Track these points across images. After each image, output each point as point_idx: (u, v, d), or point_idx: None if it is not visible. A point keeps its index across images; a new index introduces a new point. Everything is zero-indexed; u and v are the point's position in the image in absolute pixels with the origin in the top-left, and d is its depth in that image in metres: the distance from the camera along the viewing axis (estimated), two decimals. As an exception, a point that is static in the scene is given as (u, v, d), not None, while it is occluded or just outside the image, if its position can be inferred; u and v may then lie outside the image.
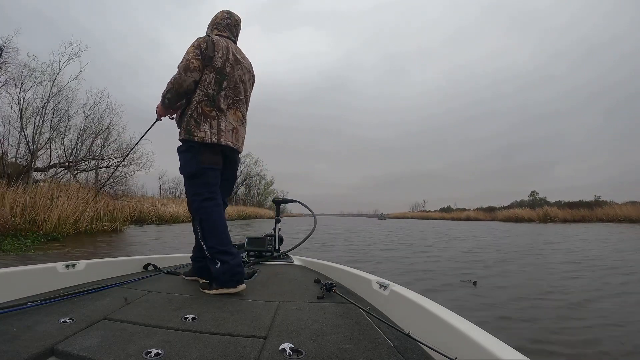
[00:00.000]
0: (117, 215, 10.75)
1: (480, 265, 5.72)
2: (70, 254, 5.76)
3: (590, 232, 14.87)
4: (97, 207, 10.01)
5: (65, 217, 8.75)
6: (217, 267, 1.70)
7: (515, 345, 0.80)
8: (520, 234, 14.62)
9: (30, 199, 8.34)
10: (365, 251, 7.94)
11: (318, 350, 1.03)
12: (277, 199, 3.28)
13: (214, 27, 2.04)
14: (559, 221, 29.61)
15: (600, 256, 6.87)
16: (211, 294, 1.68)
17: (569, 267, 5.57)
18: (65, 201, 9.00)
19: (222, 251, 1.73)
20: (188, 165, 1.83)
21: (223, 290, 1.69)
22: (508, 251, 7.90)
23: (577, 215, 30.69)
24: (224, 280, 1.69)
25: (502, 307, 3.32)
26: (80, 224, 9.24)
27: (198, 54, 1.81)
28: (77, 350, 0.96)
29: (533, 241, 10.89)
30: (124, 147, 13.95)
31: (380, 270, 4.97)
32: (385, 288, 1.50)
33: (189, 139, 1.80)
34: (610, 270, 5.30)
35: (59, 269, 1.75)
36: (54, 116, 12.24)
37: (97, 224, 9.91)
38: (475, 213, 45.95)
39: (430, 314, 1.10)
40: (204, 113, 1.81)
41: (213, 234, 1.77)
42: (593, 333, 2.62)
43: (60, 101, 12.30)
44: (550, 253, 7.66)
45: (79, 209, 9.32)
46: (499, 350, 0.78)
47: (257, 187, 47.73)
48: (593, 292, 3.88)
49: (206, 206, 1.79)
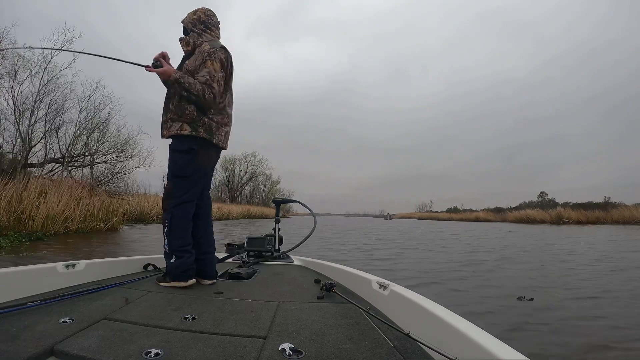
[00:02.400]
0: (113, 214, 10.11)
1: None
2: (47, 259, 5.07)
3: (621, 235, 13.86)
4: (91, 205, 9.40)
5: (54, 215, 8.13)
6: (172, 262, 1.81)
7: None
8: (552, 238, 12.96)
9: (17, 195, 7.73)
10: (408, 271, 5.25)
11: (318, 350, 1.03)
12: (277, 199, 3.25)
13: (205, 27, 2.00)
14: (572, 223, 28.94)
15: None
16: (164, 285, 1.80)
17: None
18: (55, 198, 8.38)
19: (183, 250, 1.83)
20: (187, 167, 1.85)
21: (175, 284, 1.80)
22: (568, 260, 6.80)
23: (591, 217, 30.11)
24: (177, 274, 1.80)
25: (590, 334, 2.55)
26: (71, 223, 8.63)
27: (223, 75, 1.89)
28: (77, 350, 0.97)
29: (572, 243, 10.01)
30: (122, 142, 13.34)
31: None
32: (385, 288, 1.49)
33: (207, 139, 1.86)
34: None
35: (59, 269, 1.75)
36: (49, 109, 11.65)
37: (90, 223, 9.28)
38: (485, 214, 45.51)
39: (430, 314, 1.10)
40: (223, 119, 1.94)
41: (180, 235, 1.84)
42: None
43: (56, 93, 11.70)
44: (619, 259, 6.60)
45: (70, 206, 8.71)
46: (499, 350, 0.78)
47: (263, 186, 47.32)
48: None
49: (185, 208, 1.86)
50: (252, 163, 44.46)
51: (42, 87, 11.14)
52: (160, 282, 1.83)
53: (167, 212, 1.84)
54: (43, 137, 12.03)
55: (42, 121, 11.72)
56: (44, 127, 11.87)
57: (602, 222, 28.57)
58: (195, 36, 1.96)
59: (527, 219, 32.90)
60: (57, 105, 12.01)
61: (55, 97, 11.80)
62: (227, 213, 27.15)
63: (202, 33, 1.97)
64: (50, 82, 11.51)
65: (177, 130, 1.82)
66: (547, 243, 10.53)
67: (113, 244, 7.75)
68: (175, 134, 1.83)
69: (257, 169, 45.14)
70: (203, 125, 1.83)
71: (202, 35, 1.97)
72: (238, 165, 43.86)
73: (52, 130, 11.82)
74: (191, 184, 1.87)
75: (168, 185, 1.89)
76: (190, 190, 1.87)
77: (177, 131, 1.82)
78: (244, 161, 44.04)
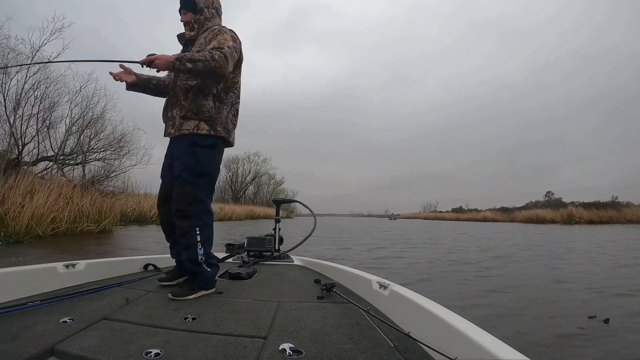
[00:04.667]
0: (106, 214, 9.48)
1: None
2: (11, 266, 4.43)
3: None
4: (82, 205, 8.78)
5: (40, 215, 7.52)
6: (208, 272, 1.71)
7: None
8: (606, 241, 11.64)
9: (0, 195, 7.14)
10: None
11: (318, 350, 1.03)
12: (277, 199, 3.23)
13: (217, 13, 1.89)
14: (584, 222, 28.25)
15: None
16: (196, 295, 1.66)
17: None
18: (42, 197, 7.78)
19: (213, 257, 1.77)
20: (213, 164, 1.79)
21: (203, 293, 1.67)
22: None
23: (604, 216, 29.48)
24: (209, 282, 1.71)
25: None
26: (59, 224, 8.01)
27: (235, 46, 1.74)
28: (77, 350, 0.97)
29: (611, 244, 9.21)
30: (118, 138, 12.69)
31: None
32: (385, 288, 1.48)
33: (225, 138, 1.80)
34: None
35: (59, 269, 1.73)
36: (41, 104, 11.07)
37: (81, 224, 8.66)
38: (493, 214, 45.17)
39: (430, 313, 1.09)
40: (235, 119, 1.87)
41: (210, 242, 1.76)
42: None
43: (48, 86, 11.13)
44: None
45: (59, 206, 8.10)
46: (499, 350, 0.78)
47: (267, 186, 46.63)
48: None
49: (210, 212, 1.79)
50: (255, 163, 43.90)
51: (30, 78, 10.52)
52: (187, 295, 1.61)
53: (196, 219, 1.69)
54: (36, 134, 11.50)
55: (34, 117, 11.18)
56: (36, 124, 11.32)
57: (614, 221, 27.82)
58: (206, 16, 1.82)
59: (537, 218, 32.16)
60: (51, 100, 11.45)
61: (47, 92, 11.24)
62: (230, 214, 26.58)
63: (213, 17, 1.86)
64: (41, 73, 10.93)
65: (192, 129, 1.69)
66: (599, 245, 9.63)
67: (101, 248, 7.12)
68: (190, 133, 1.70)
69: (260, 168, 44.58)
70: (221, 124, 1.76)
71: (212, 20, 1.85)
72: (241, 165, 43.33)
73: (44, 126, 11.25)
74: (214, 183, 1.83)
75: (187, 188, 1.68)
76: (212, 191, 1.84)
77: (192, 130, 1.70)
78: (247, 161, 43.50)
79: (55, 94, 11.54)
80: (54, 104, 11.44)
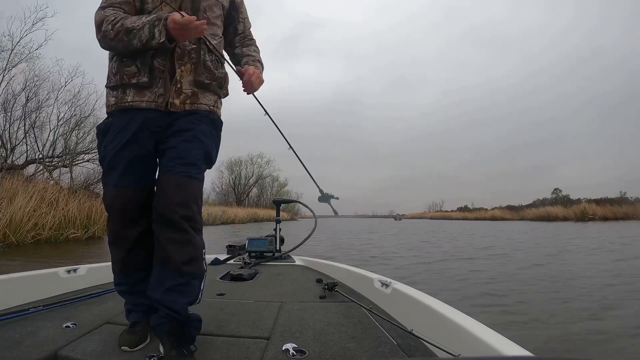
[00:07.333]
0: (95, 220, 8.72)
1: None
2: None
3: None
4: (68, 210, 8.03)
5: (18, 221, 6.78)
6: (204, 286, 1.37)
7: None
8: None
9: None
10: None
11: (321, 349, 1.03)
12: (277, 199, 3.26)
13: None
14: (599, 219, 27.40)
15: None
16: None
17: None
18: (22, 201, 7.04)
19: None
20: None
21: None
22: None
23: (618, 212, 28.89)
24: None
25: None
26: (41, 231, 7.26)
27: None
28: (80, 355, 0.97)
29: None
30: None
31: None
32: (387, 286, 1.48)
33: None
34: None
35: (61, 274, 1.72)
36: (27, 103, 10.38)
37: (67, 231, 7.90)
38: (501, 212, 44.48)
39: (433, 311, 1.09)
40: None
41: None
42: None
43: (35, 83, 10.44)
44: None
45: (42, 211, 7.36)
46: (502, 346, 0.77)
47: (270, 188, 45.79)
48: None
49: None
50: (258, 165, 42.95)
51: (8, 71, 9.82)
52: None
53: (200, 223, 1.17)
54: (24, 137, 10.82)
55: (21, 119, 10.50)
56: (24, 124, 10.64)
57: (630, 217, 27.03)
58: None
59: (548, 216, 31.38)
60: (39, 98, 10.77)
61: (35, 89, 10.55)
62: (233, 217, 25.90)
63: None
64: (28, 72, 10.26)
65: (212, 104, 1.22)
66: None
67: (82, 258, 6.35)
68: (209, 110, 1.21)
69: (264, 170, 43.64)
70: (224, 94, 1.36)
71: None
72: (244, 168, 42.56)
73: (30, 127, 10.56)
74: None
75: (196, 185, 1.15)
76: None
77: (212, 106, 1.22)
78: (250, 163, 42.77)
79: (44, 93, 10.88)
80: (40, 103, 10.74)
